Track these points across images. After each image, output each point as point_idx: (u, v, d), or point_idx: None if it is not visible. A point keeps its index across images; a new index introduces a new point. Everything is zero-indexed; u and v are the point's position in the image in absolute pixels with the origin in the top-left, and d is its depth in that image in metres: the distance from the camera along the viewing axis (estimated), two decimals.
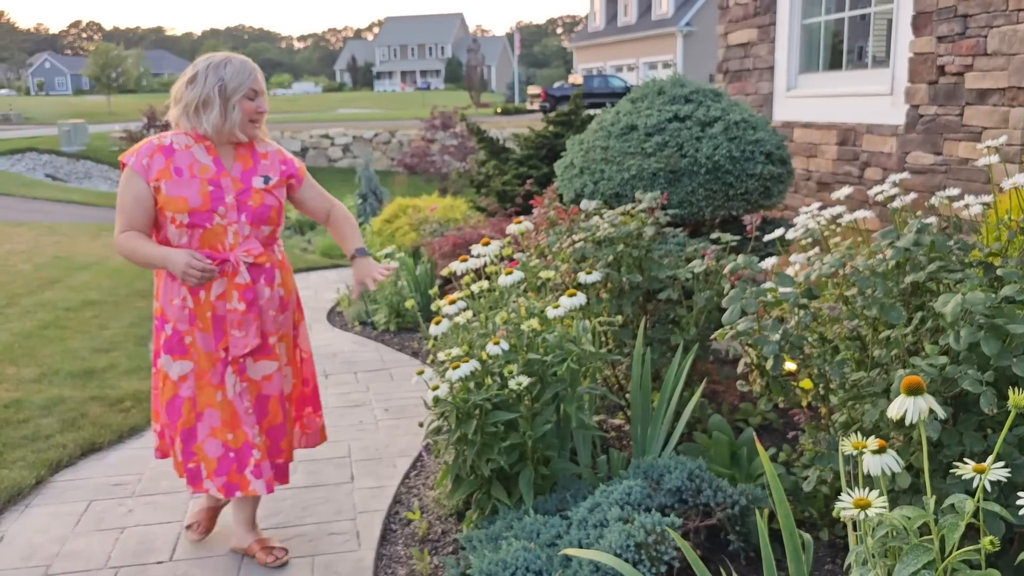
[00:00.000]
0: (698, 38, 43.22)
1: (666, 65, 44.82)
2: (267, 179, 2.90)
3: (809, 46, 5.86)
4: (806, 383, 2.57)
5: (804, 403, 2.66)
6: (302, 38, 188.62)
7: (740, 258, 2.68)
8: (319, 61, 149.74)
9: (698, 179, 4.53)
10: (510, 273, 3.09)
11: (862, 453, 1.61)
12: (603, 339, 3.91)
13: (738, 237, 3.93)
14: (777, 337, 2.24)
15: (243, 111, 2.81)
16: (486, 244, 3.35)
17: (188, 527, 3.24)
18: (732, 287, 2.84)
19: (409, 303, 3.32)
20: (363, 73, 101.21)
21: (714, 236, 3.75)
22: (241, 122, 2.82)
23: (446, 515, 3.34)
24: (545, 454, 3.06)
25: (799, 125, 5.71)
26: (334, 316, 7.57)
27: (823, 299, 2.39)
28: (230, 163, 2.87)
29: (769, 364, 2.26)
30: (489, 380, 2.95)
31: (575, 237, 3.87)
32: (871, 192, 3.02)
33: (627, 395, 3.98)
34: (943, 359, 1.92)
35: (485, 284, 3.17)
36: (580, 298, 2.91)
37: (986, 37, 4.07)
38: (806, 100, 5.76)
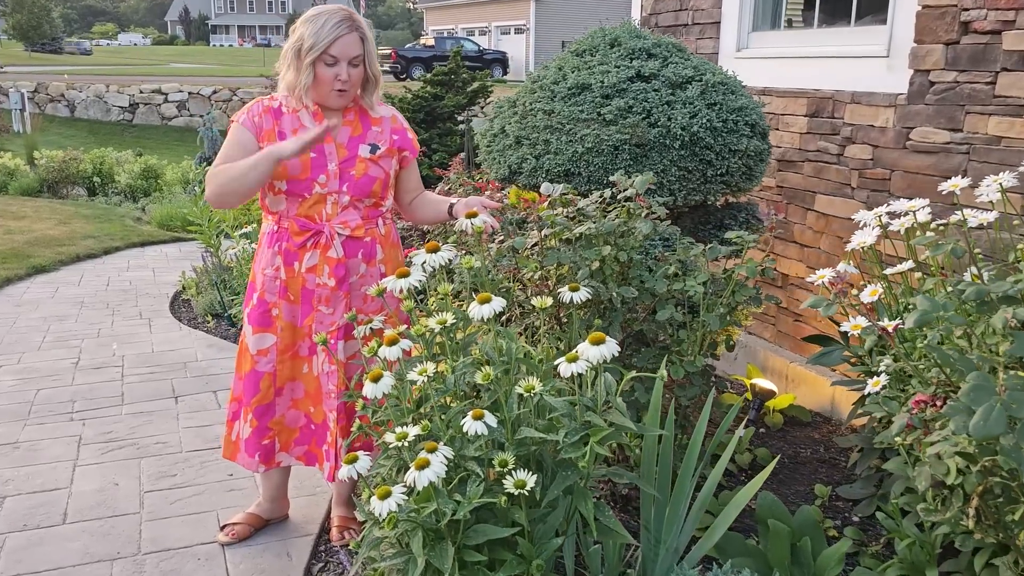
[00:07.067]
0: (551, 3, 42.63)
1: (519, 30, 44.06)
2: (375, 148, 2.67)
3: None
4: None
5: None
6: None
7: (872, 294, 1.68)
8: (148, 11, 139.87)
9: (671, 155, 3.55)
10: (487, 300, 2.00)
11: None
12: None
13: (745, 232, 2.96)
14: None
15: (319, 78, 2.52)
16: (433, 250, 2.24)
17: (223, 528, 2.92)
18: (870, 327, 1.86)
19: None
20: (197, 26, 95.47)
21: (729, 235, 2.79)
22: (317, 89, 2.55)
23: None
24: None
25: (755, 92, 4.84)
26: (179, 306, 6.19)
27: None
28: (337, 129, 2.64)
29: None
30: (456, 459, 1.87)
31: (542, 233, 2.84)
32: (978, 192, 2.12)
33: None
34: None
35: (449, 319, 2.06)
36: (611, 346, 1.85)
37: None
38: (763, 62, 4.88)
